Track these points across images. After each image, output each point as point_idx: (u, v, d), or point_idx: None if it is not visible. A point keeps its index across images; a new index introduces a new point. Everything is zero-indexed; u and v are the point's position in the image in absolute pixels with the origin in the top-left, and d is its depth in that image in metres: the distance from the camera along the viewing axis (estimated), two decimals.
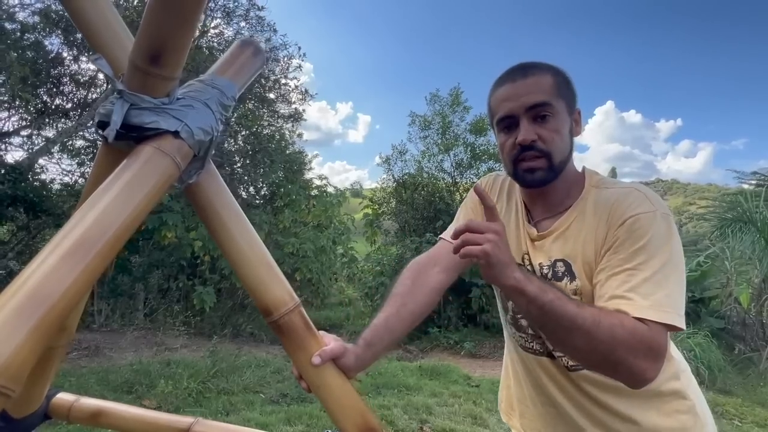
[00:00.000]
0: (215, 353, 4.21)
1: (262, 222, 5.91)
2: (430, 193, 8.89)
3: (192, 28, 0.53)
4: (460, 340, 6.20)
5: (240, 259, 0.66)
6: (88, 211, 0.46)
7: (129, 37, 0.62)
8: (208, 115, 0.60)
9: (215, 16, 6.82)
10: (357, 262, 8.22)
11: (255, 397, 3.46)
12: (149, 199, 0.51)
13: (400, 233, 8.82)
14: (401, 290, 0.88)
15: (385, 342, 0.80)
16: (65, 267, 0.41)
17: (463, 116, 9.06)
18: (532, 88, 0.80)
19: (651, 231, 0.73)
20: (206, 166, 0.64)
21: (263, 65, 0.74)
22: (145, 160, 0.53)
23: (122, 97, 0.54)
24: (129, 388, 3.34)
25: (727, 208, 6.51)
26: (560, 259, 0.82)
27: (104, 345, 4.47)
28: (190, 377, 3.52)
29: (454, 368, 4.73)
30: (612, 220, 0.77)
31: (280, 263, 5.56)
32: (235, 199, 0.69)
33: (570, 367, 0.84)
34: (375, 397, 3.73)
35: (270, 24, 6.92)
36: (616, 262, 0.74)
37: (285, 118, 7.50)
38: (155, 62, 0.52)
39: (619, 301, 0.70)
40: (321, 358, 0.68)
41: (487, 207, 0.72)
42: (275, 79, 7.11)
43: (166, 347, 4.61)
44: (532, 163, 0.80)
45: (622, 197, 0.78)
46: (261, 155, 6.40)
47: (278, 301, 0.67)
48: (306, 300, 6.82)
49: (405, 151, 9.32)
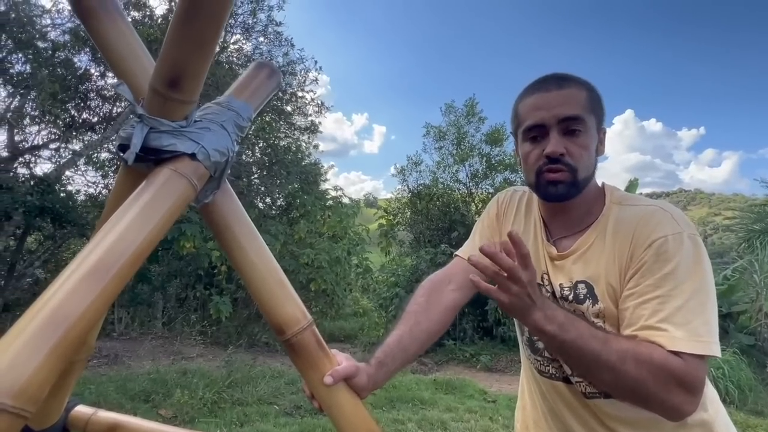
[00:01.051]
0: (231, 363, 4.25)
1: (277, 232, 5.97)
2: (445, 204, 8.86)
3: (209, 55, 0.54)
4: (476, 354, 6.10)
5: (254, 277, 0.66)
6: (107, 234, 0.47)
7: (151, 62, 0.64)
8: (224, 137, 0.61)
9: (235, 32, 7.02)
10: (372, 272, 8.21)
11: (269, 408, 3.46)
12: (166, 220, 0.52)
13: (415, 244, 8.79)
14: (415, 308, 0.87)
15: (398, 361, 0.79)
16: (84, 289, 0.42)
17: (479, 127, 9.05)
18: (566, 100, 0.78)
19: (679, 254, 0.70)
20: (222, 185, 0.65)
21: (278, 86, 0.76)
22: (163, 182, 0.54)
23: (142, 121, 0.56)
24: (146, 397, 3.39)
25: (754, 219, 6.29)
26: (582, 280, 0.80)
27: (123, 353, 4.55)
28: (206, 387, 3.54)
29: (469, 382, 4.64)
30: (637, 242, 0.74)
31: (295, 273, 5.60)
32: (248, 215, 0.70)
33: (587, 394, 0.81)
34: (389, 410, 3.68)
35: (287, 39, 7.09)
36: (645, 288, 0.71)
37: (301, 130, 7.62)
38: (174, 87, 0.54)
39: (651, 333, 0.67)
40: (333, 378, 0.67)
41: (521, 255, 0.66)
42: (292, 92, 7.24)
43: (182, 356, 4.67)
44: (556, 176, 0.77)
45: (647, 217, 0.75)
46: (277, 167, 6.50)
47: (291, 319, 0.67)
48: (321, 310, 6.84)
49: (420, 162, 9.34)
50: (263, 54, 6.96)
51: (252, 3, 6.83)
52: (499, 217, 0.98)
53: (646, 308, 0.70)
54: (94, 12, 0.61)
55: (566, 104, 0.77)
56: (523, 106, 0.83)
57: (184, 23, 0.51)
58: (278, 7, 6.97)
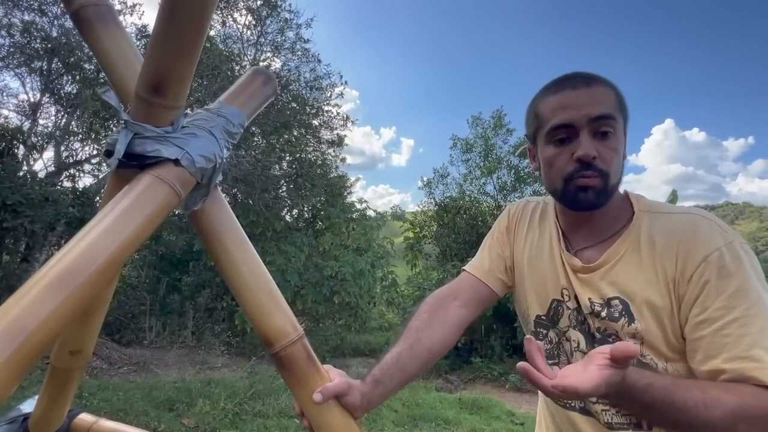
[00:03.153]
0: (253, 374, 4.27)
1: (302, 245, 6.03)
2: (472, 217, 8.72)
3: (193, 60, 0.53)
4: (505, 373, 5.88)
5: (241, 287, 0.64)
6: (79, 241, 0.46)
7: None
8: (211, 143, 0.60)
9: (265, 50, 7.28)
10: (398, 286, 8.14)
11: (290, 422, 3.43)
12: (144, 226, 0.51)
13: (441, 257, 8.67)
14: (417, 324, 0.82)
15: (396, 380, 0.74)
16: (47, 298, 0.41)
17: (506, 138, 8.91)
18: (597, 98, 0.71)
19: (740, 267, 0.63)
20: (211, 192, 0.64)
21: (275, 92, 0.75)
22: (144, 187, 0.53)
23: (127, 126, 0.55)
24: (171, 406, 3.44)
25: None
26: (615, 297, 0.72)
27: (152, 361, 4.67)
28: (228, 398, 3.57)
29: (496, 403, 4.46)
30: (687, 256, 0.66)
31: (320, 286, 5.60)
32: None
33: (614, 426, 0.73)
34: (411, 429, 3.58)
35: (315, 55, 7.27)
36: (716, 312, 0.62)
37: (328, 143, 7.73)
38: (157, 93, 0.53)
39: (741, 366, 0.60)
40: (323, 395, 0.64)
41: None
42: (319, 106, 7.39)
43: (208, 366, 4.74)
44: (588, 181, 0.70)
45: (690, 227, 0.68)
46: (302, 179, 6.61)
47: (279, 331, 0.64)
48: (345, 323, 6.80)
49: (446, 174, 9.27)
50: (291, 70, 7.16)
51: (281, 22, 7.08)
52: (510, 230, 0.92)
53: (727, 335, 0.61)
54: (91, 21, 0.62)
55: (597, 103, 0.70)
56: (545, 105, 0.75)
57: (165, 28, 0.50)
58: (306, 25, 7.19)
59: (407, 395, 4.29)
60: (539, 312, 0.83)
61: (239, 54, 7.00)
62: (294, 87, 7.03)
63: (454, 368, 6.39)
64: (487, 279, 0.88)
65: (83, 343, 0.75)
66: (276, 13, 7.06)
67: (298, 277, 5.74)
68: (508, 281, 0.90)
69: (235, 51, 6.93)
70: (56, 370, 0.77)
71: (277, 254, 5.69)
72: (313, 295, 5.96)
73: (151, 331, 5.44)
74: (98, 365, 4.26)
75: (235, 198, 6.28)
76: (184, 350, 5.13)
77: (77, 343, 0.74)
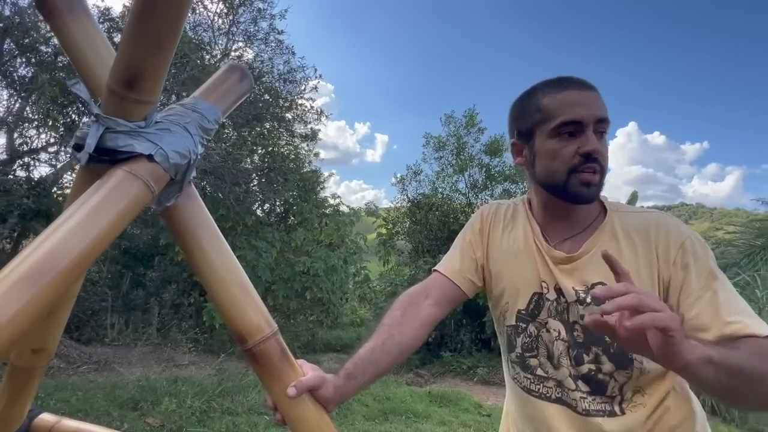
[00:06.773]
0: (222, 371, 4.19)
1: (274, 240, 5.94)
2: (444, 214, 8.83)
3: (168, 54, 0.53)
4: (474, 366, 6.02)
5: (214, 282, 0.64)
6: (48, 237, 0.45)
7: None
8: (186, 139, 0.60)
9: (237, 39, 7.08)
10: (370, 282, 8.16)
11: (259, 419, 3.40)
12: (116, 222, 0.50)
13: (414, 254, 8.75)
14: (389, 321, 0.85)
15: (368, 374, 0.76)
16: (14, 295, 0.40)
17: (478, 137, 9.06)
18: (599, 102, 0.79)
19: (707, 252, 0.75)
20: (185, 188, 0.64)
21: (251, 88, 0.74)
22: (116, 183, 0.52)
23: (98, 120, 0.54)
24: (134, 405, 3.33)
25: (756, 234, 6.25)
26: (599, 281, 0.78)
27: (114, 359, 4.50)
28: (195, 395, 3.49)
29: (464, 395, 4.57)
30: (665, 244, 0.75)
31: (291, 281, 5.54)
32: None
33: (591, 413, 0.78)
34: (382, 423, 3.62)
35: (288, 47, 7.14)
36: (700, 291, 0.72)
37: (302, 137, 7.63)
38: (130, 87, 0.52)
39: (736, 327, 0.67)
40: (297, 389, 0.65)
41: (620, 273, 0.61)
42: (292, 99, 7.27)
43: (174, 363, 4.61)
44: (591, 177, 0.77)
45: (660, 222, 0.78)
46: (275, 173, 6.50)
47: (253, 327, 0.65)
48: (317, 319, 6.77)
49: (420, 172, 9.33)
50: (264, 61, 7.00)
51: (254, 11, 6.91)
52: (483, 232, 0.95)
53: (713, 308, 0.70)
54: (58, 11, 0.60)
55: (600, 106, 0.78)
56: (553, 100, 0.79)
57: (140, 20, 0.49)
58: (280, 16, 7.04)
59: (378, 389, 4.33)
60: (520, 307, 0.87)
61: (210, 43, 6.78)
62: (267, 79, 6.88)
63: (425, 362, 6.49)
64: (457, 280, 0.92)
65: (46, 341, 0.73)
66: (249, 2, 6.88)
67: (269, 272, 5.66)
68: (478, 282, 0.93)
69: (205, 39, 6.70)
70: (17, 369, 0.74)
71: (247, 249, 5.58)
72: (285, 291, 5.90)
73: (113, 328, 5.23)
74: (55, 364, 4.05)
75: (204, 191, 6.11)
76: (149, 348, 4.96)
77: (40, 341, 0.72)
